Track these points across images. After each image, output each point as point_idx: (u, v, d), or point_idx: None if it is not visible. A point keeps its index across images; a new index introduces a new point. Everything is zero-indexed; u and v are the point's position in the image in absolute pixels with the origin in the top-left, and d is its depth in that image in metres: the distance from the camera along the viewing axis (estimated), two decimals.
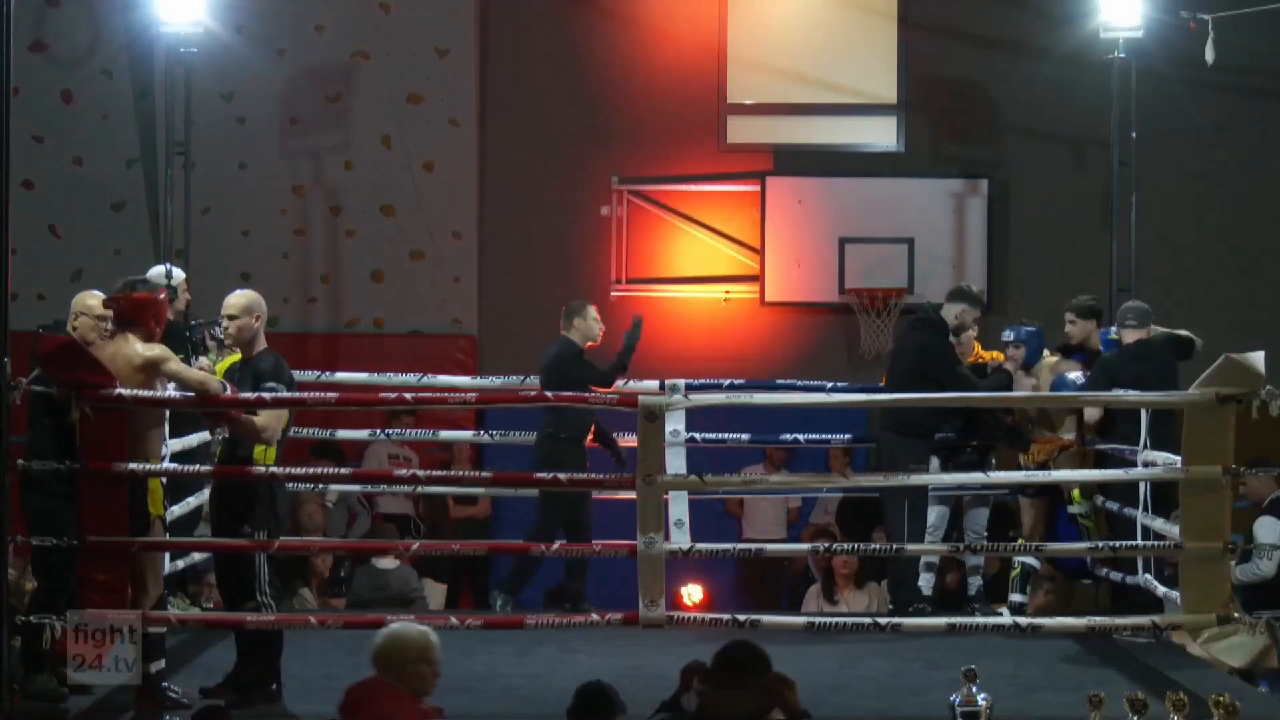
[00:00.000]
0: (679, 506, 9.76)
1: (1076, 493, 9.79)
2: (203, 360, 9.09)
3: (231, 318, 7.93)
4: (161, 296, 7.77)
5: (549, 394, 8.64)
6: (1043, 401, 10.48)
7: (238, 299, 8.01)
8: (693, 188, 13.82)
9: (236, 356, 8.12)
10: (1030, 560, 10.12)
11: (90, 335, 7.80)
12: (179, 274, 10.22)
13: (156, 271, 10.04)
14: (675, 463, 9.48)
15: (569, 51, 13.84)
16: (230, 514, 7.84)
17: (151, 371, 7.54)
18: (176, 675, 8.17)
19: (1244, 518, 10.06)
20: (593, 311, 10.23)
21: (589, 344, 10.15)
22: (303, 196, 13.76)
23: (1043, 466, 9.96)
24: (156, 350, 7.59)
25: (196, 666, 8.33)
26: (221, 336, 8.56)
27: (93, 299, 7.99)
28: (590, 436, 10.06)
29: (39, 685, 7.64)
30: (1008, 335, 10.29)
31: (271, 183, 13.66)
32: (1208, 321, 13.12)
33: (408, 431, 11.37)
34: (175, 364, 7.62)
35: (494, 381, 10.61)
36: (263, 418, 7.63)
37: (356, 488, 11.74)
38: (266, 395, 7.63)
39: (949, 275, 13.51)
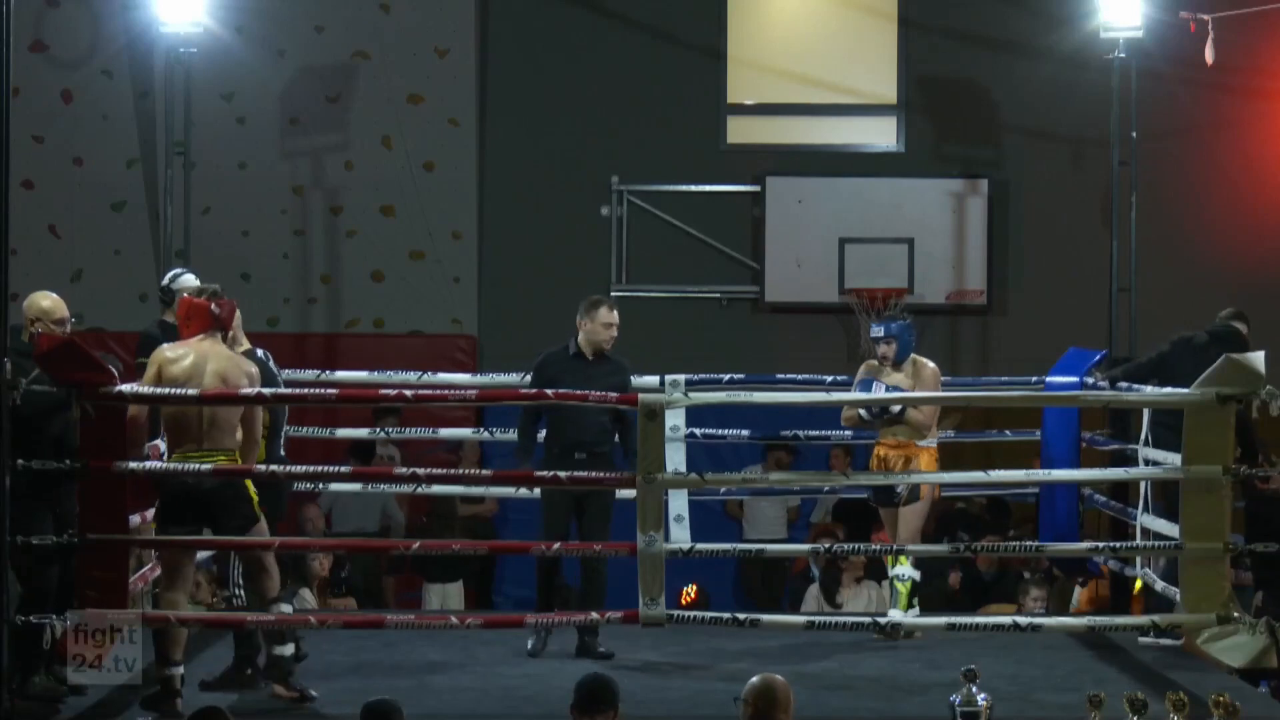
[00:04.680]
0: (679, 502, 9.74)
1: (905, 558, 9.18)
2: None
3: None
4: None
5: (549, 391, 8.59)
6: (1039, 401, 10.47)
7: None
8: (693, 188, 13.83)
9: None
10: (911, 572, 9.23)
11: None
12: (191, 279, 10.13)
13: (190, 278, 10.05)
14: (675, 458, 9.45)
15: (569, 51, 13.85)
16: None
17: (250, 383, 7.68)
18: None
19: (1238, 517, 10.04)
20: (602, 314, 8.96)
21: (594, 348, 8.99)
22: (303, 196, 13.77)
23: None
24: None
25: (196, 666, 8.32)
26: None
27: (47, 301, 7.83)
28: None
29: (37, 685, 7.62)
30: (877, 331, 9.38)
31: (271, 183, 13.67)
32: (1208, 321, 13.16)
33: (408, 430, 11.36)
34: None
35: (495, 378, 10.53)
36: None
37: (355, 487, 11.73)
38: (266, 391, 7.67)
39: (949, 275, 13.54)
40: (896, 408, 9.10)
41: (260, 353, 8.25)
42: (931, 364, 9.36)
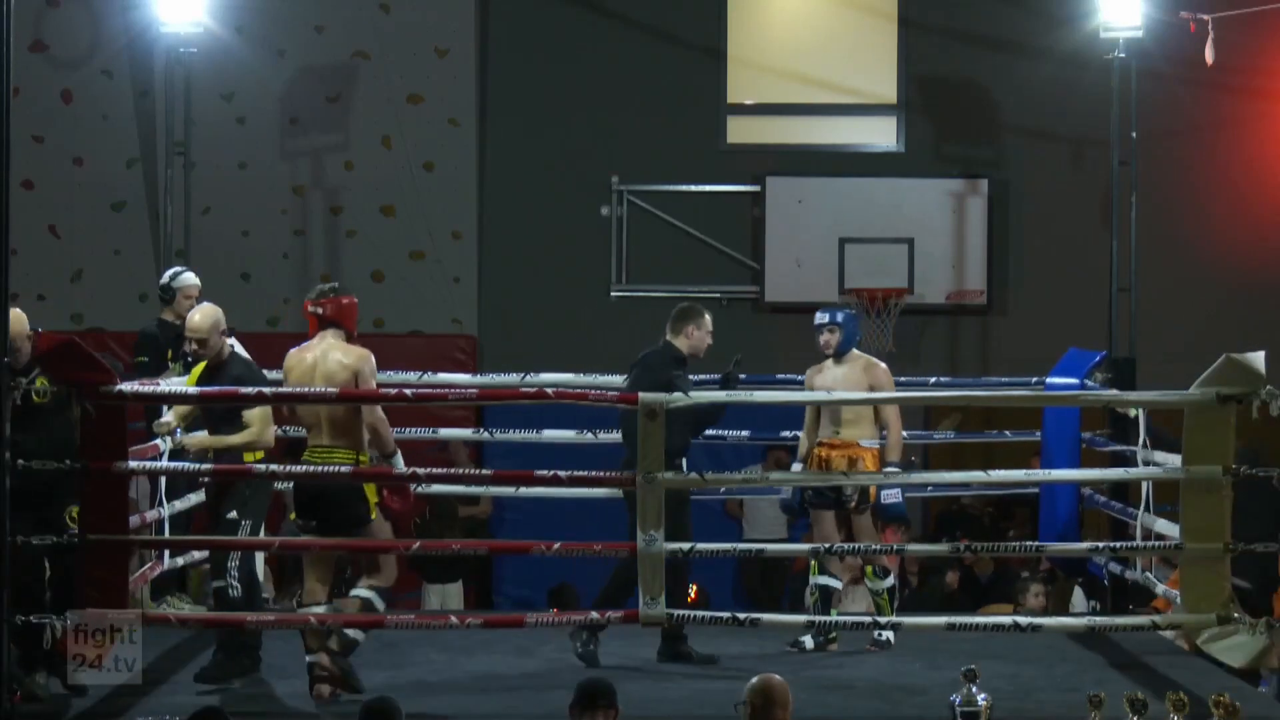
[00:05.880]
0: None
1: (870, 570, 9.07)
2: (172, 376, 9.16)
3: (201, 341, 8.10)
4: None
5: (549, 390, 8.57)
6: (1039, 401, 10.47)
7: (201, 320, 8.14)
8: (693, 188, 13.83)
9: (202, 365, 8.26)
10: (886, 581, 9.04)
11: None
12: (190, 278, 10.12)
13: (189, 276, 10.04)
14: None
15: (569, 51, 13.85)
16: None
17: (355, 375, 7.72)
18: (177, 674, 8.19)
19: None
20: (708, 321, 8.96)
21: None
22: (303, 196, 13.77)
23: None
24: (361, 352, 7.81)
25: (196, 666, 8.32)
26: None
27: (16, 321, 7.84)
28: None
29: (24, 686, 7.60)
30: (822, 318, 9.18)
31: (271, 183, 13.67)
32: (1208, 321, 13.18)
33: (408, 430, 11.33)
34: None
35: (495, 378, 10.51)
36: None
37: None
38: (268, 391, 7.68)
39: (949, 275, 13.53)
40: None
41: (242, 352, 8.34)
42: (883, 364, 9.22)
